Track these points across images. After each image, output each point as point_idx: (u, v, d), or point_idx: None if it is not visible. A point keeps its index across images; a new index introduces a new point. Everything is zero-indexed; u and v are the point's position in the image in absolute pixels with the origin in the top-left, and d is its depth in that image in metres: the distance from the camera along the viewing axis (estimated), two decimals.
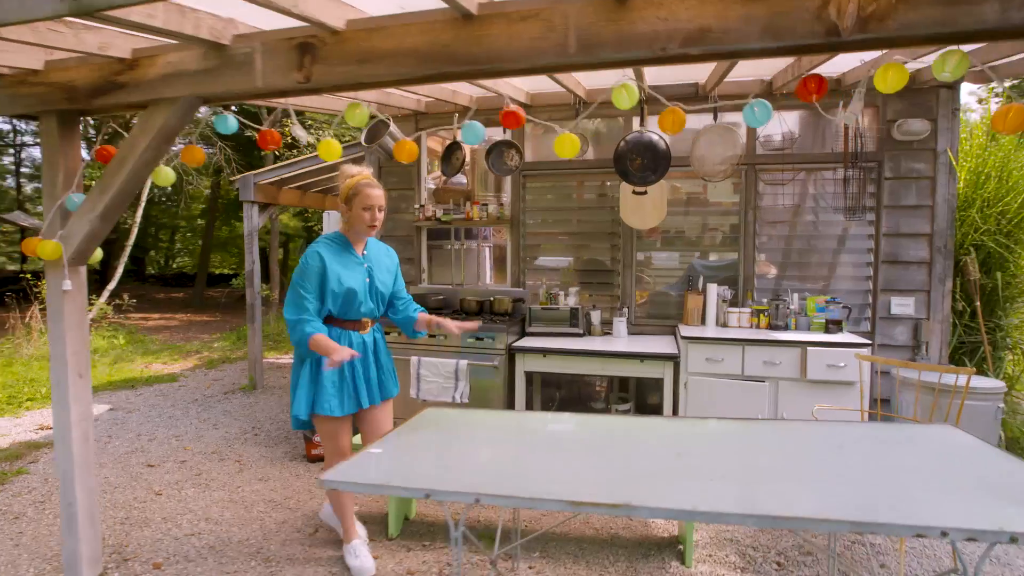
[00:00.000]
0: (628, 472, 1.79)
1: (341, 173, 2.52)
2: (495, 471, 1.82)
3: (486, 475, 1.78)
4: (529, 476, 1.77)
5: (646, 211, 4.03)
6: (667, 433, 2.16)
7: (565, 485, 1.68)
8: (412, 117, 4.67)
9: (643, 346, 3.75)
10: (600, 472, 1.80)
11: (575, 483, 1.70)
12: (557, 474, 1.79)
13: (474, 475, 1.77)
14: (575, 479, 1.74)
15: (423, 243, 4.80)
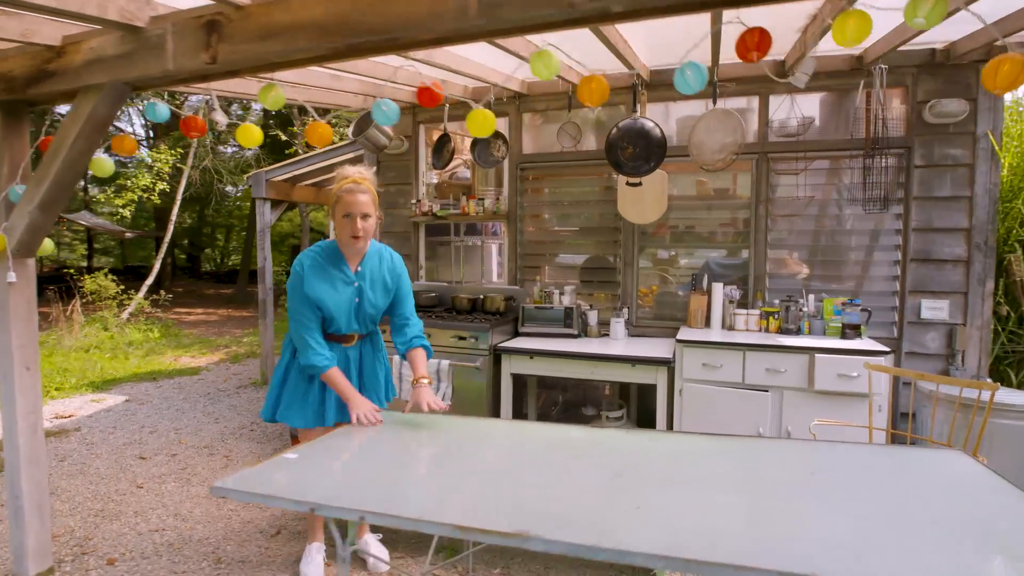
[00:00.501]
0: (552, 492, 1.59)
1: (336, 176, 2.28)
2: (409, 485, 1.66)
3: (397, 489, 1.61)
4: (445, 492, 1.60)
5: (645, 204, 3.76)
6: (619, 448, 1.94)
7: (475, 505, 1.50)
8: (409, 110, 4.56)
9: (639, 349, 3.49)
10: (523, 492, 1.60)
11: (488, 503, 1.52)
12: (476, 492, 1.61)
13: (381, 488, 1.61)
14: (493, 498, 1.55)
15: (421, 239, 4.69)
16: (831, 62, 3.46)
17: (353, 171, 2.24)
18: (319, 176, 6.35)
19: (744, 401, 3.18)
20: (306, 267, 2.21)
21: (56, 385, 6.08)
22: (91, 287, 8.59)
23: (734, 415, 3.20)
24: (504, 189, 4.45)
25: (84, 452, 4.03)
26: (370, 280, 2.29)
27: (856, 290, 3.65)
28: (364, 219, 2.17)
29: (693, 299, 3.77)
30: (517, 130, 4.26)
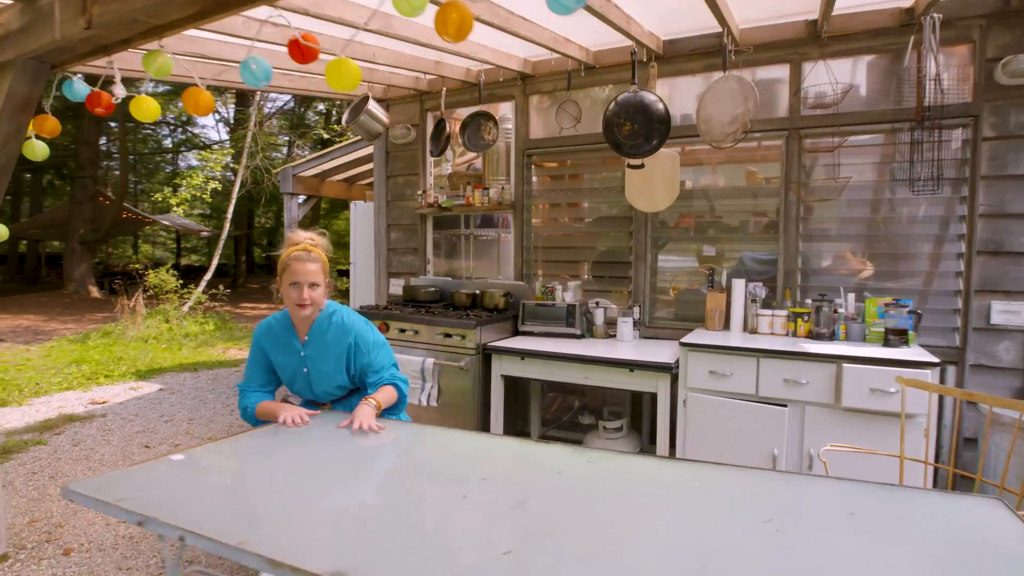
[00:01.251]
0: (444, 528, 1.31)
1: (286, 240, 2.14)
2: (281, 504, 1.43)
3: (263, 507, 1.40)
4: (317, 515, 1.36)
5: (655, 191, 3.36)
6: (563, 472, 1.62)
7: (331, 537, 1.25)
8: (416, 98, 4.38)
9: (643, 353, 3.11)
10: (395, 525, 1.34)
11: (338, 531, 1.27)
12: (352, 522, 1.36)
13: (246, 505, 1.40)
14: (350, 526, 1.30)
15: (428, 232, 4.49)
16: (875, 18, 2.92)
17: (304, 236, 2.12)
18: (349, 171, 6.33)
19: (757, 417, 2.73)
20: (261, 335, 2.18)
21: (106, 372, 6.42)
22: (153, 281, 9.10)
23: (745, 433, 2.76)
24: (511, 178, 4.17)
25: (98, 438, 4.14)
26: (317, 349, 2.12)
27: (908, 289, 3.08)
28: (312, 288, 2.03)
29: (710, 298, 3.33)
30: (524, 113, 3.97)
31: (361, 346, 2.14)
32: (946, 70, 2.82)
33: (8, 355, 7.50)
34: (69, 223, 14.43)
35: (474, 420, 3.34)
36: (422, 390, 3.37)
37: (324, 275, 2.09)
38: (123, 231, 19.07)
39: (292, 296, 2.02)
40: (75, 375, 6.28)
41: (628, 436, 3.27)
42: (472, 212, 4.26)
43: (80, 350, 7.63)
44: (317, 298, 2.05)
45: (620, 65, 3.58)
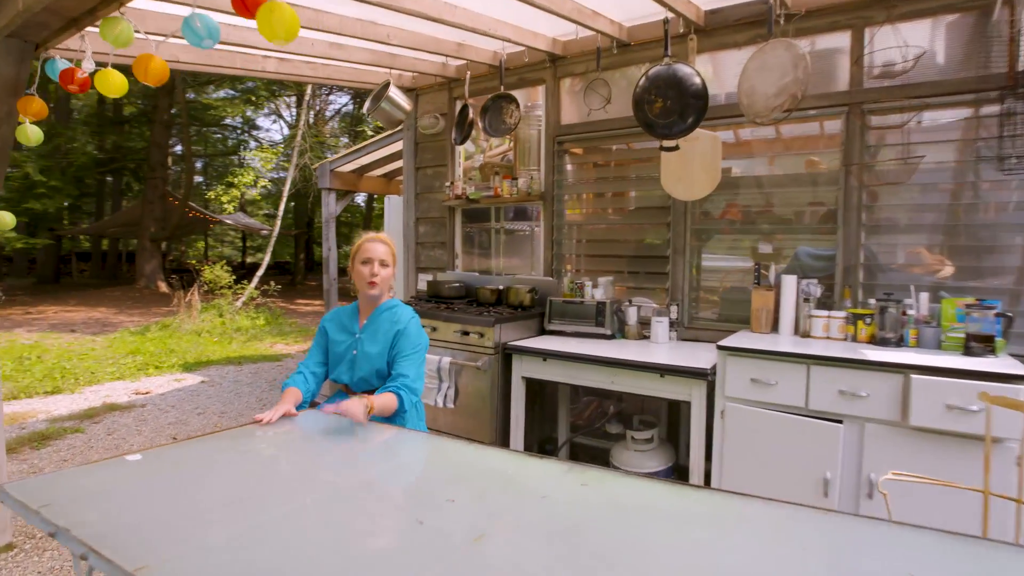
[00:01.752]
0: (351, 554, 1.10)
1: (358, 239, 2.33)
2: (221, 518, 1.27)
3: (202, 520, 1.23)
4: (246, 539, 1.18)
5: (693, 176, 3.03)
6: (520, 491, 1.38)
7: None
8: (444, 85, 4.20)
9: (677, 356, 2.80)
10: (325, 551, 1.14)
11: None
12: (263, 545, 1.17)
13: (157, 523, 1.24)
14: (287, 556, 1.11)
15: (456, 225, 4.31)
16: None
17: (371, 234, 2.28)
18: (387, 165, 6.26)
19: (807, 434, 2.38)
20: (329, 317, 2.29)
21: (156, 364, 6.63)
22: (209, 276, 9.41)
23: (791, 452, 2.41)
24: (541, 167, 3.92)
25: (132, 428, 4.21)
26: (370, 333, 2.18)
27: (995, 288, 2.62)
28: (382, 266, 2.14)
29: (756, 296, 2.97)
30: (554, 97, 3.71)
31: (402, 341, 2.13)
32: None
33: (76, 345, 7.91)
34: (141, 222, 15.28)
35: (492, 425, 3.12)
36: (439, 390, 3.18)
37: (392, 260, 2.20)
38: (191, 230, 20.05)
39: (363, 273, 2.13)
40: (128, 365, 6.52)
41: (659, 449, 2.96)
42: (501, 204, 4.04)
43: (138, 342, 7.96)
44: (386, 277, 2.15)
45: (656, 41, 3.26)
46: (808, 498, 2.36)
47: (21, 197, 11.61)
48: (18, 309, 11.61)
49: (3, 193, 2.14)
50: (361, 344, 2.17)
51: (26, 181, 11.77)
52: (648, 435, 2.91)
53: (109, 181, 21.36)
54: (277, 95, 12.35)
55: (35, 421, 4.35)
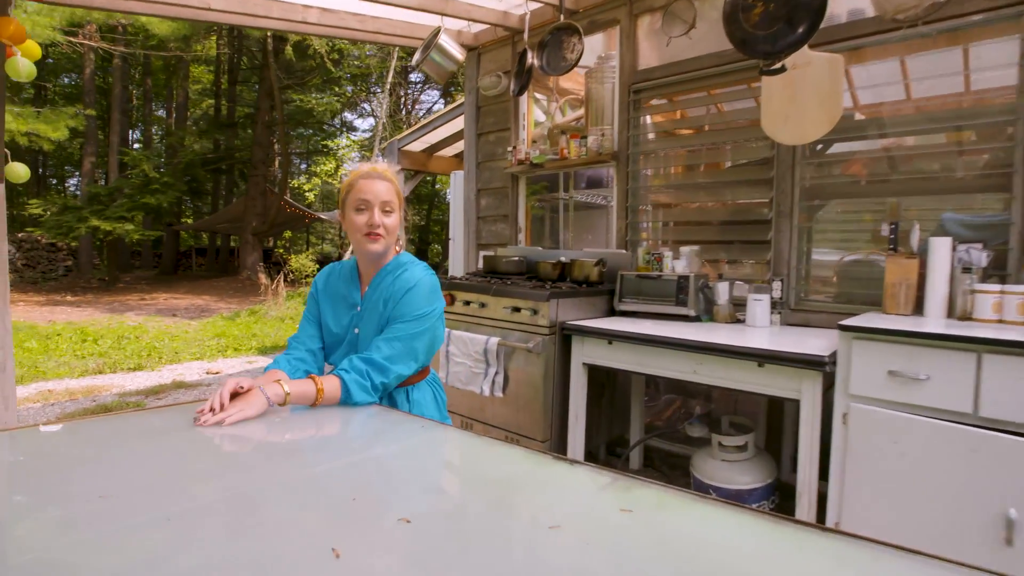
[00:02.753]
0: None
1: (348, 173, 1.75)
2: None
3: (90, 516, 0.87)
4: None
5: (804, 113, 2.36)
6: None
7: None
8: (508, 40, 3.75)
9: (783, 341, 2.17)
10: None
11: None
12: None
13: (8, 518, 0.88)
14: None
15: (520, 195, 3.85)
16: None
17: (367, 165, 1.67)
18: (456, 143, 5.93)
19: (977, 451, 1.68)
20: (320, 280, 1.73)
21: (236, 346, 6.76)
22: (295, 265, 9.64)
23: (953, 476, 1.72)
24: (614, 122, 3.36)
25: None
26: (374, 304, 1.62)
27: None
28: (385, 213, 1.55)
29: (892, 266, 2.26)
30: (630, 39, 3.15)
31: (402, 304, 1.56)
32: None
33: (173, 327, 8.33)
34: (244, 217, 16.23)
35: (547, 418, 2.63)
36: (485, 376, 2.74)
37: (399, 202, 1.60)
38: (289, 226, 21.15)
39: (359, 224, 1.53)
40: (211, 347, 6.68)
41: (756, 461, 2.32)
42: (567, 167, 3.53)
43: (226, 326, 8.24)
44: (391, 227, 1.56)
45: None
46: (980, 546, 1.66)
47: (138, 192, 12.63)
48: (135, 296, 12.64)
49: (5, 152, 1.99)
50: (363, 320, 1.63)
51: (143, 178, 12.80)
52: (741, 441, 2.29)
53: (223, 182, 23.10)
54: (362, 90, 12.54)
55: (107, 395, 4.42)
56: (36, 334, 7.21)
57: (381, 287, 1.60)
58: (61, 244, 15.04)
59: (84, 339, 6.98)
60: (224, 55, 19.09)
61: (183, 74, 18.77)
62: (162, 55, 14.16)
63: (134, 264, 20.61)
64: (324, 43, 9.82)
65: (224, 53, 18.81)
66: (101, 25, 11.33)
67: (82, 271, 15.54)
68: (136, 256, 21.20)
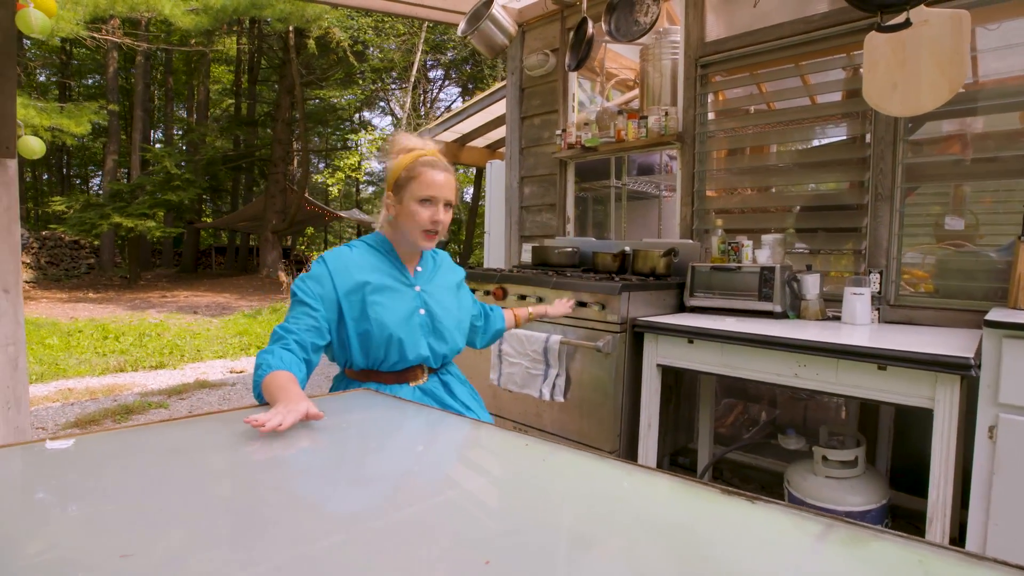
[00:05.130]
0: None
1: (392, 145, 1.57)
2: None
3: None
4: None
5: (922, 77, 2.06)
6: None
7: None
8: (556, 16, 3.48)
9: (897, 340, 1.87)
10: None
11: None
12: None
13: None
14: None
15: (569, 183, 3.57)
16: None
17: (419, 142, 1.54)
18: (489, 133, 5.68)
19: None
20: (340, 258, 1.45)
21: (259, 344, 6.57)
22: None
23: None
24: (679, 100, 3.08)
25: (213, 405, 3.94)
26: (433, 281, 1.60)
27: None
28: (447, 210, 1.50)
29: (1022, 257, 1.95)
30: (697, 8, 2.86)
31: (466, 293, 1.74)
32: None
33: (194, 325, 8.18)
34: (264, 215, 16.15)
35: (615, 427, 2.35)
36: (544, 378, 2.47)
37: (455, 198, 1.53)
38: (309, 223, 21.09)
39: (423, 218, 1.45)
40: (233, 345, 6.50)
41: (866, 477, 2.02)
42: (625, 151, 3.25)
43: (248, 324, 8.07)
44: (447, 224, 1.51)
45: None
46: None
47: (160, 189, 12.57)
48: (156, 293, 12.58)
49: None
50: (431, 297, 1.55)
51: (165, 175, 12.74)
52: (850, 456, 1.99)
53: (243, 180, 23.12)
54: (384, 85, 12.31)
55: (128, 394, 4.23)
56: (58, 331, 7.09)
57: (429, 267, 1.61)
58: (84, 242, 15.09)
59: (105, 336, 6.84)
60: (244, 54, 19.09)
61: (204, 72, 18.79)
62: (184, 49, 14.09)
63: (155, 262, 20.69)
64: (347, 36, 9.64)
65: (244, 52, 18.80)
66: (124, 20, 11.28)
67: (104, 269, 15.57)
68: (156, 254, 21.30)
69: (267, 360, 1.30)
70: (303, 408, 1.09)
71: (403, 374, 1.52)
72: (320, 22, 8.78)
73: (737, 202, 2.94)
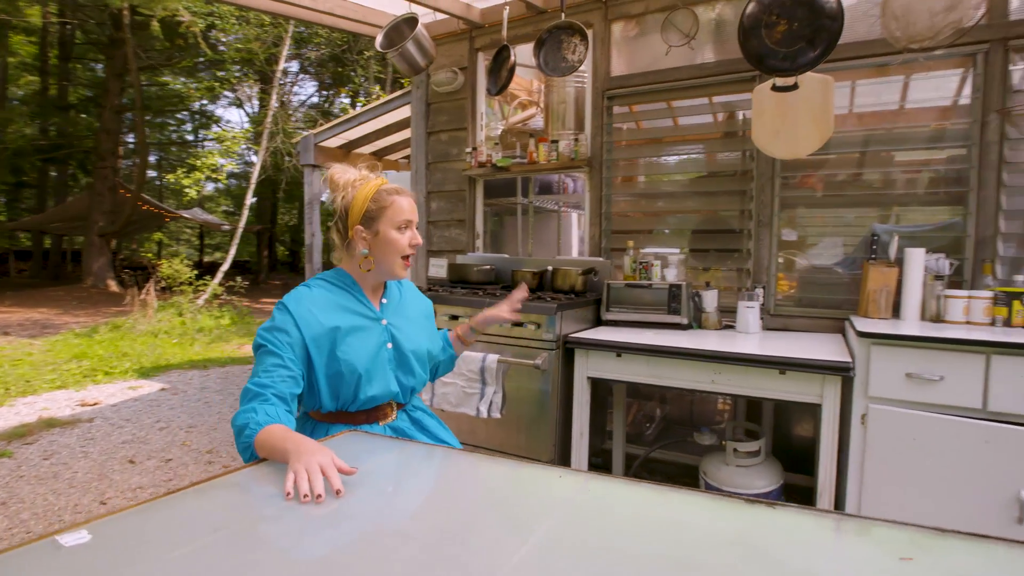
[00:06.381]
0: None
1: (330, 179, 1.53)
2: None
3: None
4: None
5: (798, 128, 2.48)
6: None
7: None
8: (465, 35, 3.56)
9: (787, 348, 2.24)
10: None
11: None
12: None
13: None
14: None
15: (478, 200, 3.66)
16: None
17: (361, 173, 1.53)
18: (379, 140, 5.56)
19: (992, 443, 1.85)
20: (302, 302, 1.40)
21: (106, 369, 5.74)
22: (167, 272, 8.47)
23: (966, 467, 1.87)
24: (587, 128, 3.32)
25: (76, 449, 3.40)
26: (398, 311, 1.57)
27: None
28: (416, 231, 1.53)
29: (873, 274, 2.44)
30: (604, 46, 3.12)
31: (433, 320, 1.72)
32: None
33: (8, 349, 6.89)
34: (89, 215, 13.99)
35: (551, 438, 2.50)
36: (481, 397, 2.53)
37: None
38: (144, 226, 18.67)
39: (402, 244, 1.47)
40: (72, 372, 5.61)
41: (767, 464, 2.39)
42: (535, 172, 3.42)
43: (85, 344, 6.99)
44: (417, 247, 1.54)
45: None
46: (996, 527, 1.83)
47: None
48: None
49: None
50: (398, 330, 1.52)
51: None
52: (755, 447, 2.34)
53: (53, 175, 19.73)
54: (241, 78, 11.29)
55: None
56: None
57: (398, 292, 1.61)
58: None
59: None
60: (53, 26, 16.32)
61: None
62: None
63: None
64: (201, 19, 8.69)
65: (53, 24, 16.07)
66: None
67: None
68: None
69: (251, 418, 1.22)
70: (329, 456, 1.07)
71: (373, 412, 1.50)
72: (166, 2, 7.83)
73: (641, 224, 3.24)
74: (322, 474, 1.02)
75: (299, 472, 1.02)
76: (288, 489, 1.00)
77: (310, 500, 0.98)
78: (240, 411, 1.25)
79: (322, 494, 0.99)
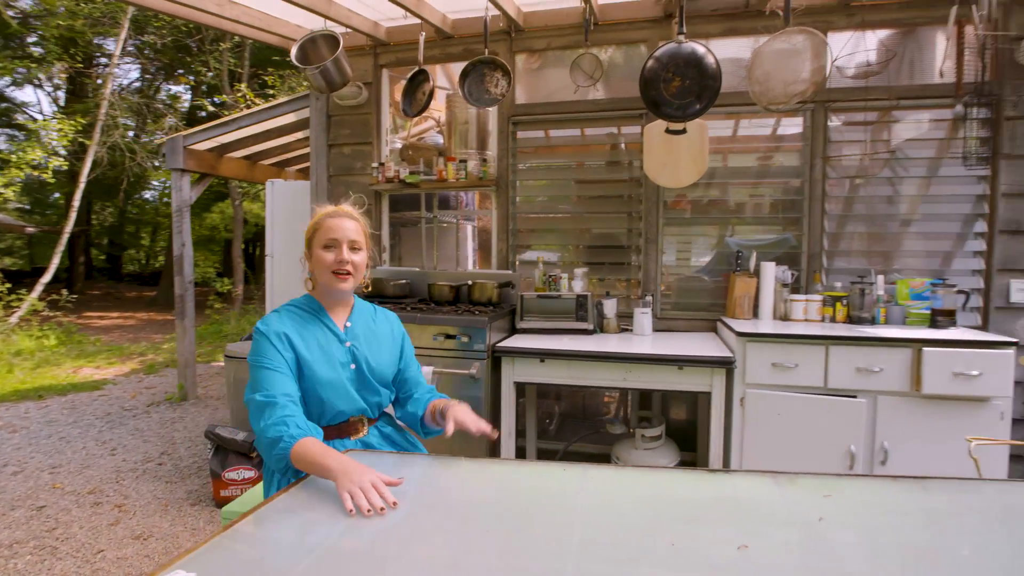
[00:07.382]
0: None
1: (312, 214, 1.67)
2: None
3: None
4: None
5: (680, 163, 2.97)
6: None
7: None
8: (370, 50, 3.60)
9: (678, 347, 2.69)
10: None
11: None
12: None
13: None
14: None
15: (384, 213, 3.73)
16: None
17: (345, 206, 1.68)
18: (253, 145, 5.25)
19: (830, 411, 2.43)
20: (281, 320, 1.55)
21: None
22: None
23: (815, 430, 2.45)
24: (489, 150, 3.56)
25: None
26: (365, 334, 1.65)
27: (930, 269, 2.99)
28: (353, 250, 1.58)
29: (739, 283, 3.01)
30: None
31: (407, 348, 1.77)
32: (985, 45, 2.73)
33: None
34: None
35: (483, 440, 2.69)
36: None
37: (366, 242, 1.64)
38: None
39: (327, 260, 1.55)
40: None
41: (667, 445, 2.83)
42: (444, 189, 3.59)
43: None
44: (359, 265, 1.59)
45: (630, 22, 3.15)
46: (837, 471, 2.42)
47: None
48: None
49: None
50: (360, 352, 1.60)
51: None
52: (658, 432, 2.76)
53: None
54: (52, 59, 9.49)
55: None
56: None
57: (369, 316, 1.70)
58: None
59: None
60: None
61: None
62: None
63: None
64: None
65: None
66: None
67: None
68: None
69: (284, 432, 1.35)
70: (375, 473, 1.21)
71: (343, 427, 1.61)
72: None
73: (544, 239, 3.56)
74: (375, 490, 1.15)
75: (355, 493, 1.15)
76: (350, 507, 1.11)
77: (373, 514, 1.10)
78: (268, 424, 1.37)
79: (384, 507, 1.12)
